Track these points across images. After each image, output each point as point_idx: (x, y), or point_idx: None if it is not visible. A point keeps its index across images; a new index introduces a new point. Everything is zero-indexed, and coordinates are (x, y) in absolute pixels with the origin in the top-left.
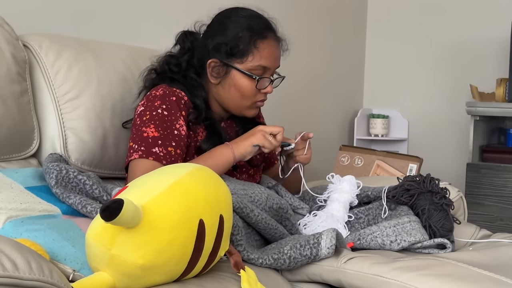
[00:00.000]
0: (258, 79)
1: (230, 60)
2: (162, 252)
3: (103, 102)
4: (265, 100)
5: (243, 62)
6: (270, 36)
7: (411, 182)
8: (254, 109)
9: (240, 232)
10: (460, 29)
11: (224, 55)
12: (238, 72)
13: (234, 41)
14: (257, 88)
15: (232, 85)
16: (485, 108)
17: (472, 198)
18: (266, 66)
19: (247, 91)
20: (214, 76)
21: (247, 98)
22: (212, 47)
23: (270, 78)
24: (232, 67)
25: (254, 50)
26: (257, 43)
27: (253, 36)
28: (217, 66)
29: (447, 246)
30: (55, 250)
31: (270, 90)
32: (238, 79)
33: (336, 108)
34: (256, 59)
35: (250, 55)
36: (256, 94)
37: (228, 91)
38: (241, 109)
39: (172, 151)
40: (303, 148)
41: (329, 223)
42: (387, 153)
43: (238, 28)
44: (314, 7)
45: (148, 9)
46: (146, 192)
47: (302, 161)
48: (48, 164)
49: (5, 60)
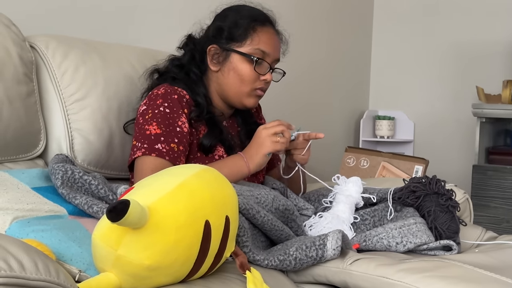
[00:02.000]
0: (256, 61)
1: (229, 44)
2: (168, 253)
3: (109, 103)
4: (265, 89)
5: (242, 46)
6: (269, 25)
7: (417, 184)
8: (253, 98)
9: (246, 233)
10: (466, 31)
11: (224, 41)
12: (237, 55)
13: (233, 25)
14: (256, 71)
15: (231, 69)
16: (491, 110)
17: (478, 200)
18: (265, 50)
19: (246, 74)
20: (214, 63)
21: (246, 83)
22: (212, 33)
23: (270, 66)
24: (231, 50)
25: (253, 33)
26: (256, 28)
27: (252, 22)
28: (217, 52)
29: (453, 248)
30: (61, 251)
31: (269, 78)
32: (237, 63)
33: (342, 109)
34: (255, 42)
35: (249, 38)
36: (256, 80)
37: (228, 77)
38: (241, 97)
39: (174, 148)
40: (302, 148)
41: (335, 224)
42: (393, 155)
43: (237, 15)
44: (320, 9)
45: (156, 10)
46: (152, 193)
47: (299, 161)
48: (54, 165)
49: (12, 61)
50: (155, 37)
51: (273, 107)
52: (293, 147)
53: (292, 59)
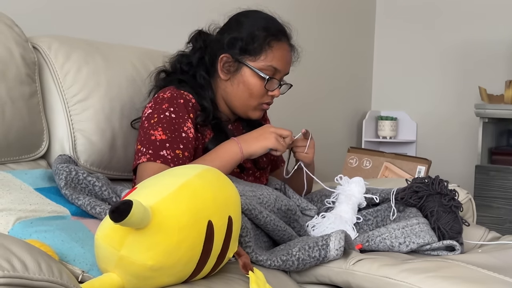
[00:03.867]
0: (268, 79)
1: (242, 57)
2: (171, 254)
3: (112, 103)
4: (271, 103)
5: (256, 60)
6: (284, 40)
7: (420, 184)
8: (259, 111)
9: (248, 233)
10: (468, 31)
11: (238, 51)
12: (249, 69)
13: (249, 38)
14: (266, 88)
15: (241, 82)
16: (494, 110)
17: (481, 200)
18: (277, 68)
19: (255, 90)
20: (225, 72)
21: (254, 97)
22: (227, 42)
23: (279, 81)
24: (244, 64)
25: (268, 50)
26: (272, 43)
27: (268, 36)
28: (229, 61)
29: (456, 248)
30: (64, 251)
31: (277, 94)
32: (248, 77)
33: (344, 110)
34: (269, 59)
35: (263, 54)
36: (264, 95)
37: (237, 88)
38: (247, 109)
39: (180, 154)
40: (303, 146)
41: (338, 224)
42: (396, 155)
43: (254, 26)
44: (323, 9)
45: (158, 11)
46: (155, 194)
47: (302, 159)
48: (57, 165)
49: (14, 61)
50: (158, 37)
51: (276, 108)
52: (294, 145)
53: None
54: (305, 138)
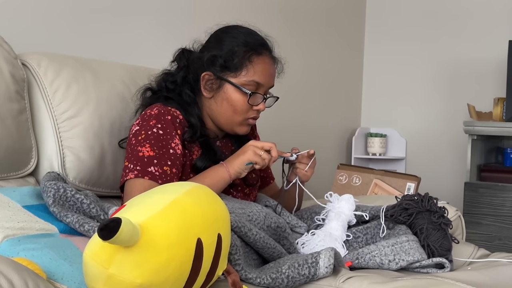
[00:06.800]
0: (250, 94)
1: (224, 73)
2: (159, 271)
3: (101, 121)
4: (257, 118)
5: (237, 76)
6: (265, 54)
7: (409, 201)
8: (245, 126)
9: (238, 251)
10: (457, 49)
11: (218, 69)
12: (231, 86)
13: (229, 54)
14: (249, 103)
15: (224, 99)
16: (483, 128)
17: (470, 217)
18: (260, 82)
19: (239, 106)
20: (207, 90)
21: (238, 113)
22: (207, 60)
23: (263, 95)
24: (225, 80)
25: (249, 64)
26: (252, 58)
27: (248, 51)
28: (211, 79)
29: (445, 266)
30: (52, 269)
31: (262, 108)
32: (231, 93)
33: (334, 127)
34: (250, 74)
35: (244, 69)
36: (248, 110)
37: (221, 106)
38: (233, 125)
39: (168, 170)
40: (305, 164)
41: (327, 242)
42: (385, 172)
43: (234, 42)
44: (312, 26)
45: (147, 27)
46: (144, 211)
47: (301, 176)
48: (45, 182)
49: (3, 78)
50: (148, 54)
51: (265, 125)
52: (298, 161)
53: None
54: (309, 158)
